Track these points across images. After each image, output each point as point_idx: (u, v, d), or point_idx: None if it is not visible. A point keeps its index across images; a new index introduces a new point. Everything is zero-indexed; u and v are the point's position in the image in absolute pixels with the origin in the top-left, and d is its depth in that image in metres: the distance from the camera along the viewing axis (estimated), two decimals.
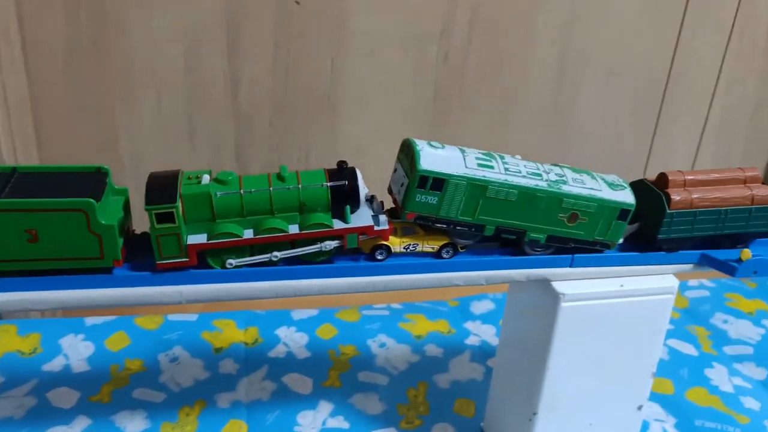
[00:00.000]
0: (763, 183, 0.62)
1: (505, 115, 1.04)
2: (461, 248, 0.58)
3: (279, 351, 0.86)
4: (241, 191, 0.53)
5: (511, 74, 1.01)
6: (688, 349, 0.91)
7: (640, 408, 0.66)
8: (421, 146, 0.55)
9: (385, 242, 0.56)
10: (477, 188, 0.55)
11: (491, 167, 0.56)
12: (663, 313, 0.62)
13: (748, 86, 1.13)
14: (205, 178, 0.53)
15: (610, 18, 1.01)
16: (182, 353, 0.84)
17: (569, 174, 0.59)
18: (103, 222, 0.50)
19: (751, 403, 0.81)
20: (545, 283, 0.60)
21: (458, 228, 0.56)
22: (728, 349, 0.92)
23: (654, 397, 0.81)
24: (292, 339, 0.88)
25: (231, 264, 0.54)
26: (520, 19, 0.98)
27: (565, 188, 0.57)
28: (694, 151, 1.16)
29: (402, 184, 0.56)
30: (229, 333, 0.89)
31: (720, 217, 0.60)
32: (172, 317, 0.91)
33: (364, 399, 0.79)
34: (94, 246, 0.50)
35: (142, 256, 0.54)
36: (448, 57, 0.97)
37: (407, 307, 0.97)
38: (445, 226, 0.56)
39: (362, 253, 0.57)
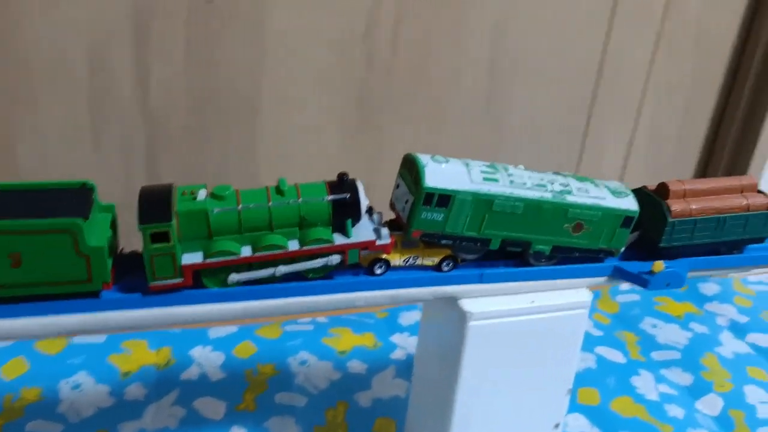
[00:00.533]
0: (758, 191, 0.64)
1: (433, 116, 1.01)
2: (461, 261, 0.57)
3: (192, 373, 0.81)
4: (239, 207, 0.51)
5: (439, 75, 0.98)
6: (616, 357, 0.90)
7: (557, 426, 0.64)
8: (425, 161, 0.54)
9: (385, 256, 0.54)
10: (483, 203, 0.54)
11: (496, 180, 0.55)
12: (577, 328, 0.60)
13: (677, 91, 1.13)
14: (201, 194, 0.51)
15: (540, 20, 0.99)
16: (86, 379, 0.78)
17: (573, 183, 0.58)
18: (92, 244, 0.46)
19: (675, 412, 0.80)
20: (453, 301, 0.57)
21: (464, 243, 0.55)
22: (656, 355, 0.91)
23: (579, 408, 0.79)
24: (207, 359, 0.84)
25: (234, 280, 0.51)
26: (447, 20, 0.95)
27: (570, 198, 0.56)
28: (624, 155, 1.15)
29: (406, 201, 0.55)
30: (139, 355, 0.83)
31: (719, 225, 0.61)
32: (77, 340, 0.84)
33: (279, 423, 0.74)
34: (81, 269, 0.47)
35: (132, 276, 0.50)
36: (373, 58, 0.94)
37: (333, 320, 0.94)
38: (450, 242, 0.55)
39: (360, 266, 0.55)
